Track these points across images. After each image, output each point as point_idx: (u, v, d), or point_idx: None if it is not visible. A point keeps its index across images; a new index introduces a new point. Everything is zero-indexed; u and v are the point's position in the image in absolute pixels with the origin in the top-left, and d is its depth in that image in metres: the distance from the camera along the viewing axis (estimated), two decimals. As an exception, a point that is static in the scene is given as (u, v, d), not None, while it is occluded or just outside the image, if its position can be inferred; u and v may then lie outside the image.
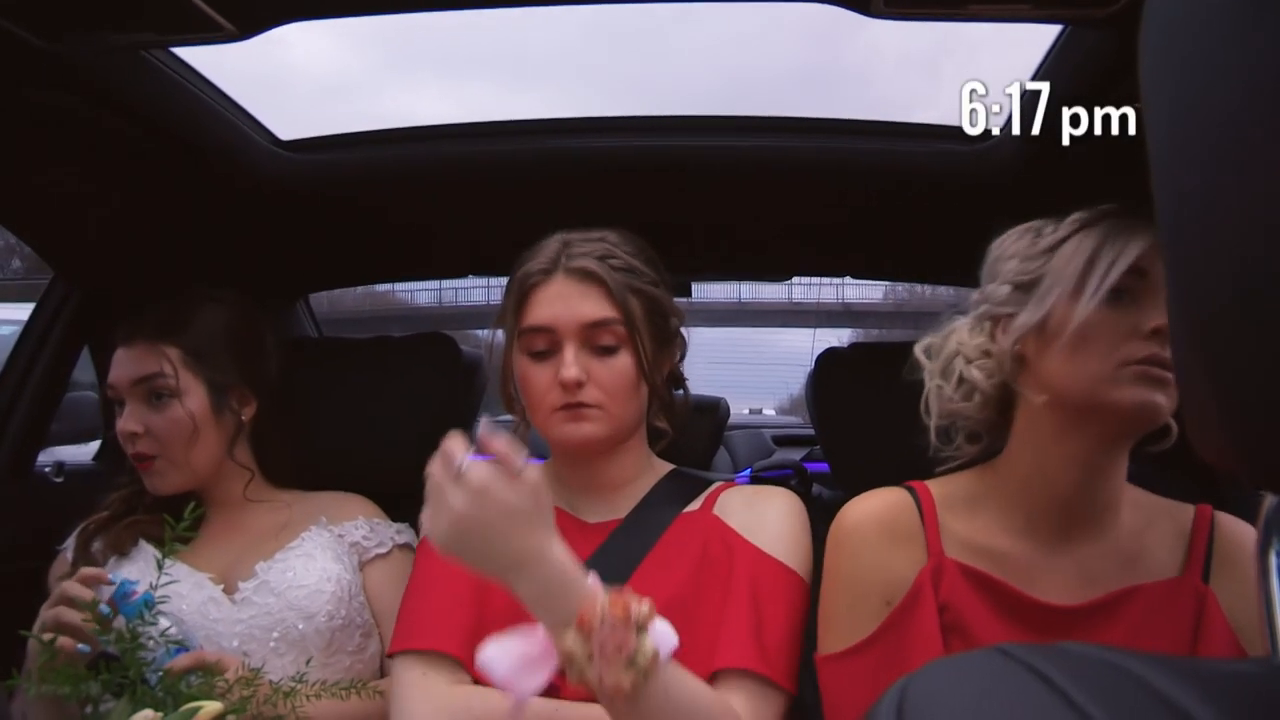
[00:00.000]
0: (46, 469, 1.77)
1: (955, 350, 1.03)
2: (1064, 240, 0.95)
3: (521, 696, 0.85)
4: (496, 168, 1.55)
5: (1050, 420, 0.96)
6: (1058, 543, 1.00)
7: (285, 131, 1.54)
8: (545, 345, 1.09)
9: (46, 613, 1.12)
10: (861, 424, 1.57)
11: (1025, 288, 0.97)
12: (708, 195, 1.62)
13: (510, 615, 0.96)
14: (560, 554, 0.85)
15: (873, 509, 1.05)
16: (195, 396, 1.33)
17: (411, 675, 1.05)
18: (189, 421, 1.31)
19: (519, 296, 1.11)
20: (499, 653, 0.86)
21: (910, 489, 1.05)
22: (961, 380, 1.02)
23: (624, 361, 1.08)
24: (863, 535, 1.03)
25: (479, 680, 1.01)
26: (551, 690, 0.99)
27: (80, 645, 1.08)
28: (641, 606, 0.82)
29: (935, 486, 1.06)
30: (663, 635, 0.83)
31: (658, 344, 1.13)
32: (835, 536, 1.05)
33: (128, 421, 1.30)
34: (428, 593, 1.10)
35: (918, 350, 1.06)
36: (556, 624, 0.82)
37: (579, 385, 1.06)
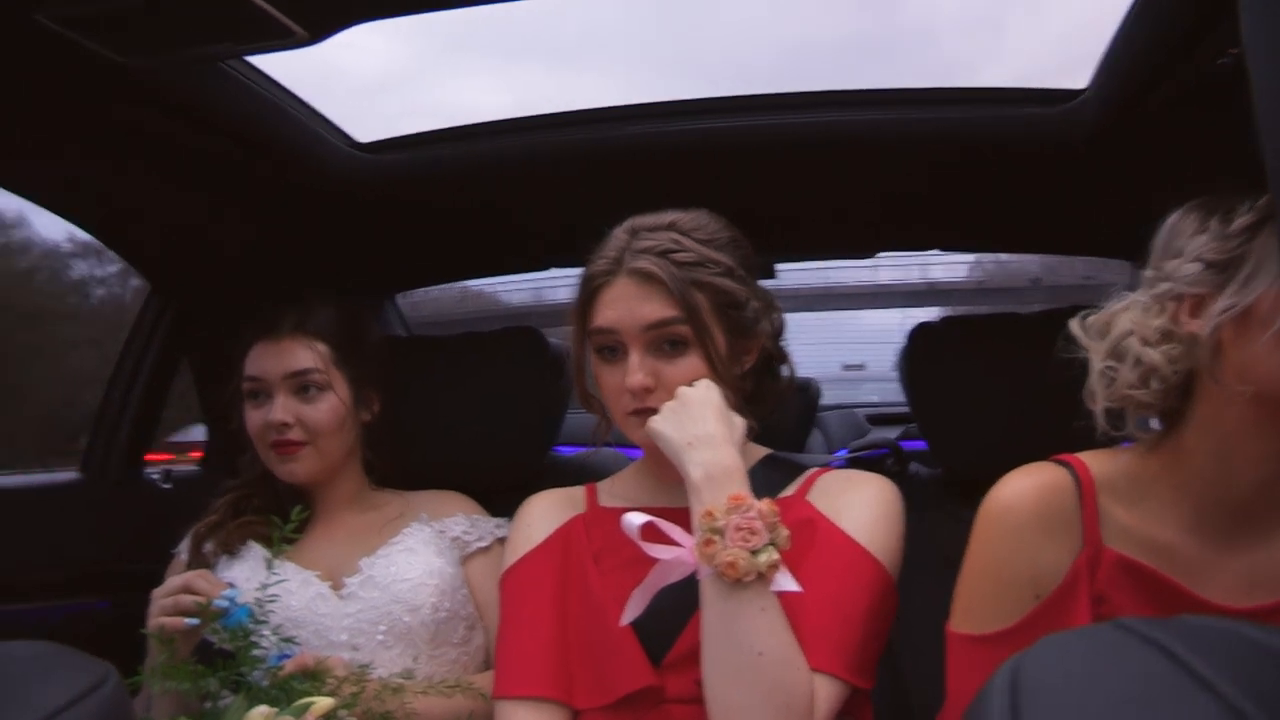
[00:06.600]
0: (154, 476, 1.85)
1: (1128, 330, 0.93)
2: (1265, 220, 0.86)
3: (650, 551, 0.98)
4: (572, 158, 1.54)
5: (1245, 413, 0.88)
6: (1224, 542, 0.93)
7: (357, 133, 1.56)
8: (613, 347, 1.08)
9: (162, 599, 1.17)
10: (958, 398, 1.52)
11: (1222, 267, 0.88)
12: (790, 174, 1.59)
13: (587, 638, 1.05)
14: (732, 454, 0.98)
15: (1028, 491, 0.97)
16: (341, 390, 1.40)
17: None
18: (340, 411, 1.38)
19: (585, 297, 1.10)
20: (642, 521, 0.98)
21: (1068, 466, 0.98)
22: (1138, 363, 0.92)
23: (693, 361, 1.06)
24: (1016, 520, 0.96)
25: (580, 712, 1.03)
26: (656, 698, 1.01)
27: (189, 620, 1.13)
28: (781, 527, 0.93)
29: (1094, 464, 0.98)
30: (785, 577, 0.93)
31: (732, 336, 1.09)
32: (986, 515, 0.99)
33: (278, 412, 1.34)
34: (519, 633, 1.09)
35: (1074, 327, 0.98)
36: (712, 505, 0.93)
37: (647, 390, 1.05)
